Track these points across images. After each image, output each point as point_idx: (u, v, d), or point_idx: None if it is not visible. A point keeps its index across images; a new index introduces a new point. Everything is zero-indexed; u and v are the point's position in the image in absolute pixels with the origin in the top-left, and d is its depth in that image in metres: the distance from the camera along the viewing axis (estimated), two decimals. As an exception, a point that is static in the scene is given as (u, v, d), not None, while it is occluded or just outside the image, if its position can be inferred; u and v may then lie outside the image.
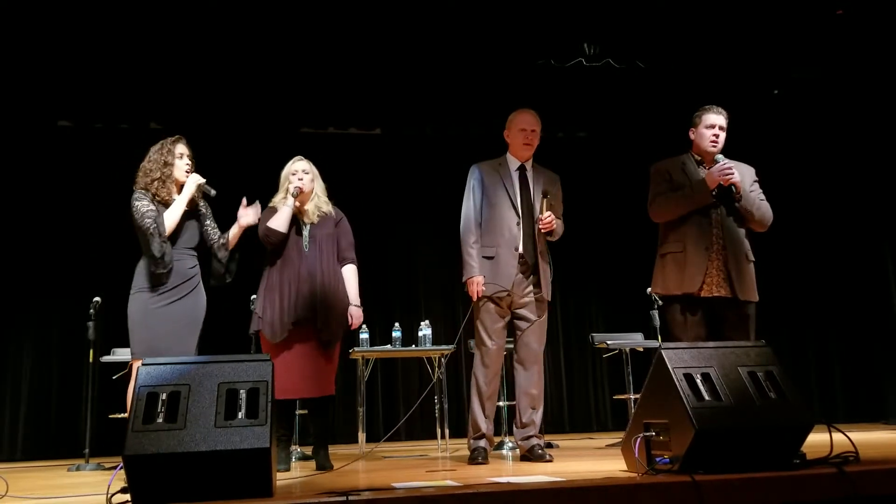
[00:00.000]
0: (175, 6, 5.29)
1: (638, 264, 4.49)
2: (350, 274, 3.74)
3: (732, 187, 3.20)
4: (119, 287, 4.30)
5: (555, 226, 3.55)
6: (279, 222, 3.57)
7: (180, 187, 3.45)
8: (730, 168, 3.20)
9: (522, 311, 3.56)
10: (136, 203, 3.34)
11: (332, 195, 3.94)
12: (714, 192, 3.24)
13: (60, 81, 5.88)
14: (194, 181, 3.44)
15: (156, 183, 3.40)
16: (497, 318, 3.54)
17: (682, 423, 2.30)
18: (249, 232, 3.65)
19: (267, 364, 2.30)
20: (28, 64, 5.65)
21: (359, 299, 3.74)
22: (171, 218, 3.35)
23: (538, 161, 3.77)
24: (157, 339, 3.25)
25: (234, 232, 3.53)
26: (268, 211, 3.67)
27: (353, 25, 5.64)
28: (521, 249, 3.52)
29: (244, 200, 3.53)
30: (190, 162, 3.50)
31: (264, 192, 3.80)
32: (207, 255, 3.56)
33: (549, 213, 3.53)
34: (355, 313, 3.69)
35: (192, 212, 3.49)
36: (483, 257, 3.54)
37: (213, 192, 3.52)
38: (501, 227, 3.55)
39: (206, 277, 3.54)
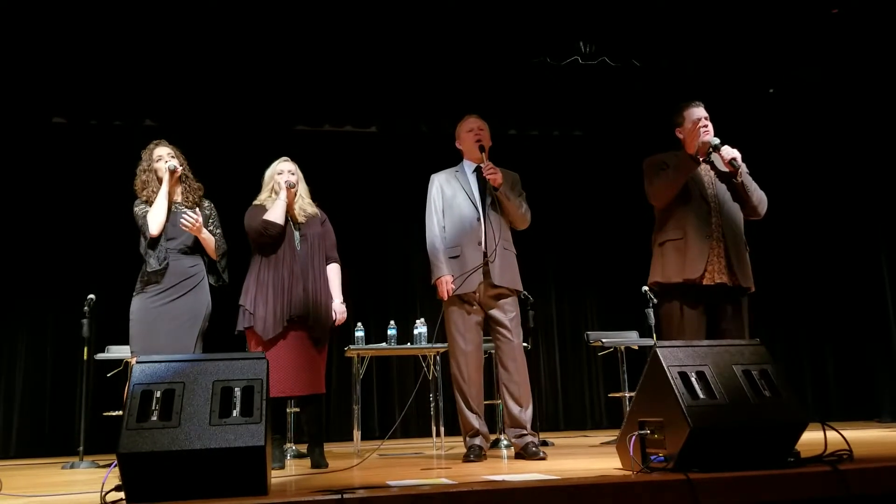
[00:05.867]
0: (170, 3, 5.28)
1: (633, 262, 4.49)
2: (334, 273, 3.78)
3: (733, 162, 3.19)
4: (114, 285, 4.31)
5: (499, 174, 3.53)
6: (276, 214, 3.57)
7: None
8: (706, 126, 3.23)
9: (494, 308, 3.56)
10: (135, 210, 3.51)
11: (327, 193, 3.95)
12: (705, 159, 3.24)
13: (55, 78, 5.87)
14: (164, 167, 3.49)
15: (144, 191, 3.53)
16: (468, 316, 3.54)
17: (676, 421, 2.30)
18: (241, 233, 3.67)
19: (262, 362, 2.30)
20: (23, 61, 5.63)
21: (341, 297, 3.77)
22: (155, 213, 3.41)
23: (537, 160, 3.78)
24: (154, 338, 3.30)
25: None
26: (254, 210, 3.67)
27: (349, 22, 5.63)
28: (483, 244, 3.53)
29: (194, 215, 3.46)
30: (171, 161, 3.52)
31: (259, 190, 3.80)
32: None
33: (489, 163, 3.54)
34: (339, 309, 3.72)
35: (192, 211, 3.48)
36: (449, 258, 3.58)
37: (175, 163, 3.51)
38: (464, 225, 3.59)
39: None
